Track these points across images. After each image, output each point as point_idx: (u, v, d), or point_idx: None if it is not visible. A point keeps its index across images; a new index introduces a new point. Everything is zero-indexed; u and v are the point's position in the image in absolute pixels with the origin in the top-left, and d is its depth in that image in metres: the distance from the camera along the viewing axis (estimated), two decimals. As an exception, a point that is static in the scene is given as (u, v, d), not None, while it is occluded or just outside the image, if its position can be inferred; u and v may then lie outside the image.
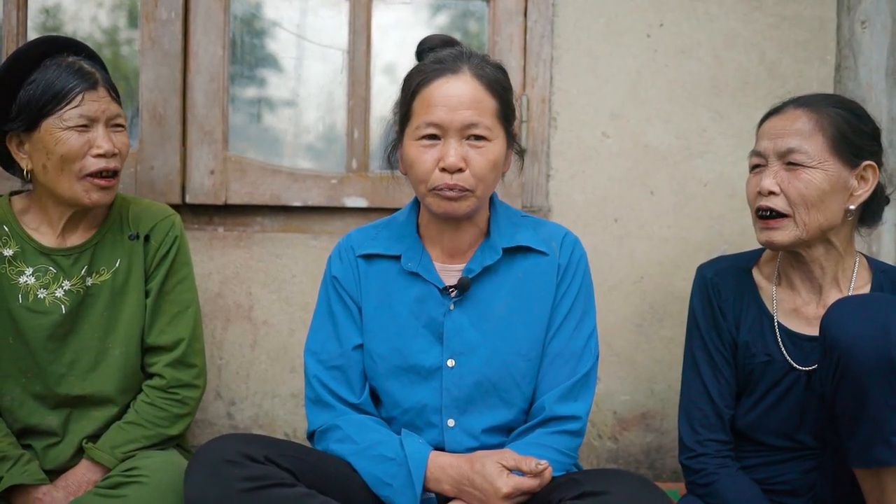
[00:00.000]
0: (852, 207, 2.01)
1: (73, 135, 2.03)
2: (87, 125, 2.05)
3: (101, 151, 2.05)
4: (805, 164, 1.97)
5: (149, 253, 2.19)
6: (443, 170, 1.85)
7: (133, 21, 2.66)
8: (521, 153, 2.05)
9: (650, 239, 2.67)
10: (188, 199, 2.57)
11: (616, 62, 2.65)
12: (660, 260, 2.67)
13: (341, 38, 2.64)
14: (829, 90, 2.67)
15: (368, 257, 2.02)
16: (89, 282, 2.14)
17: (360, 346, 2.01)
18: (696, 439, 2.10)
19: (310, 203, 2.61)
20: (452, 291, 1.96)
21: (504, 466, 1.80)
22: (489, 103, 1.88)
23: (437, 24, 2.76)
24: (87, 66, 2.08)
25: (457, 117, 1.85)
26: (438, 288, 1.96)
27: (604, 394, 2.67)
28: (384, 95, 2.65)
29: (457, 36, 2.10)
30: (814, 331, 2.00)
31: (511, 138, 1.97)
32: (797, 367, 2.05)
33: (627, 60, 2.65)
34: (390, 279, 2.00)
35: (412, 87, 1.90)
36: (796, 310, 2.09)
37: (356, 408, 1.99)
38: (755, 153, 2.06)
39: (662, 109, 2.66)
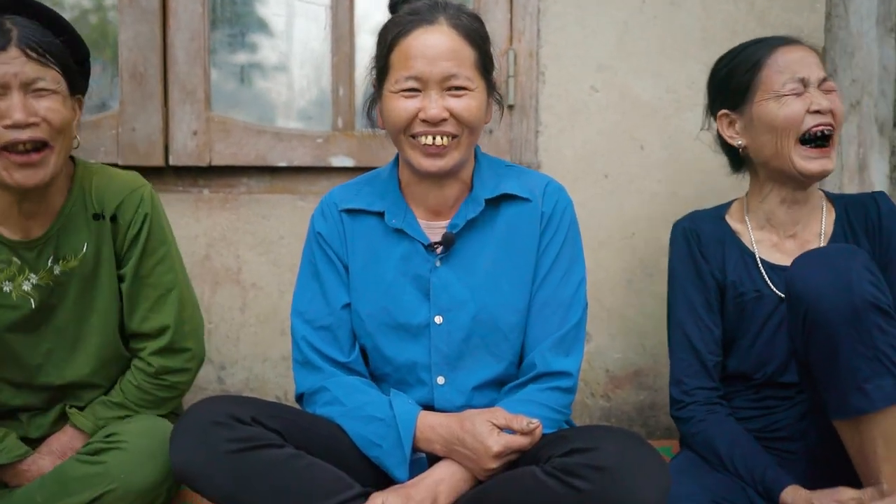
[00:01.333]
0: None
1: None
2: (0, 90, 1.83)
3: (9, 122, 1.81)
4: (834, 89, 2.09)
5: (118, 234, 2.03)
6: (423, 121, 1.84)
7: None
8: (501, 103, 2.02)
9: (640, 194, 2.65)
10: (171, 161, 2.55)
11: (603, 13, 2.61)
12: (650, 215, 2.65)
13: (324, -8, 2.61)
14: (820, 39, 2.63)
15: (352, 212, 2.00)
16: (57, 270, 2.01)
17: (348, 305, 1.99)
18: (682, 389, 2.14)
19: (296, 163, 2.58)
20: (438, 248, 1.94)
21: (494, 425, 1.79)
22: (468, 53, 1.86)
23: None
24: (10, 23, 1.85)
25: (436, 69, 1.83)
26: (423, 245, 1.95)
27: (595, 352, 2.66)
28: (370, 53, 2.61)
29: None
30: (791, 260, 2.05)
31: (491, 88, 1.94)
32: (782, 294, 2.08)
33: (615, 11, 2.62)
34: (376, 237, 1.98)
35: (388, 39, 1.88)
36: (776, 245, 2.17)
37: (346, 367, 1.98)
38: (798, 80, 2.07)
39: (651, 62, 2.63)
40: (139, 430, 1.96)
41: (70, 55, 1.95)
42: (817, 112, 2.04)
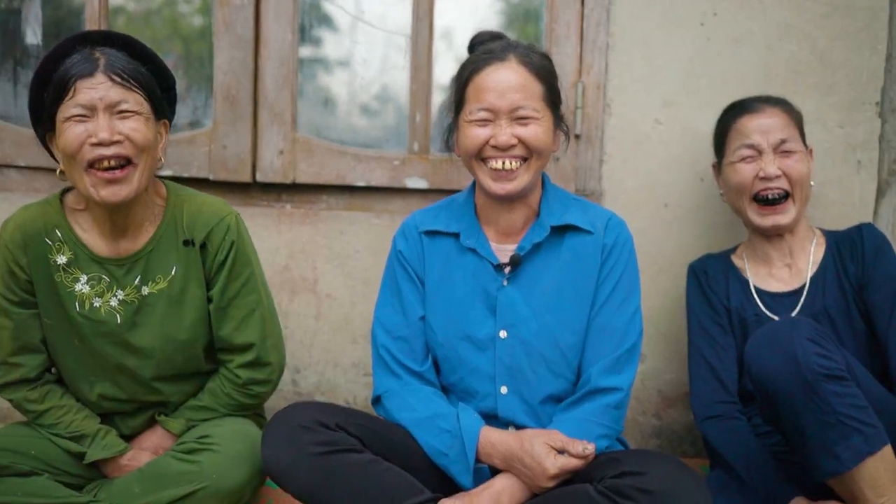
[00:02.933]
0: (812, 183, 2.39)
1: (72, 127, 1.96)
2: (85, 115, 1.97)
3: (95, 140, 1.95)
4: (795, 151, 2.33)
5: (206, 260, 2.15)
6: (493, 146, 2.00)
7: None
8: (568, 134, 2.16)
9: (698, 224, 2.75)
10: (258, 178, 2.71)
11: (669, 50, 2.72)
12: (707, 244, 2.74)
13: (405, 23, 2.74)
14: (880, 80, 2.70)
15: (430, 234, 2.16)
16: (145, 291, 2.13)
17: (423, 318, 2.15)
18: (702, 403, 2.34)
19: (373, 183, 2.73)
20: (506, 268, 2.09)
21: (552, 447, 1.93)
22: (535, 87, 2.02)
23: (498, 9, 2.85)
24: (98, 52, 1.99)
25: (506, 101, 1.99)
26: (493, 264, 2.09)
27: (649, 372, 2.77)
28: (445, 83, 2.76)
29: (516, 24, 2.21)
30: (784, 287, 2.38)
31: (559, 119, 2.09)
32: (771, 317, 2.34)
33: (681, 48, 2.72)
34: (451, 255, 2.14)
35: (465, 75, 2.05)
36: (771, 275, 2.41)
37: (419, 376, 2.13)
38: (747, 147, 2.34)
39: (714, 97, 2.70)
40: (230, 435, 2.12)
41: (156, 83, 2.09)
42: (764, 178, 2.30)
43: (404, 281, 2.17)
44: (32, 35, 2.80)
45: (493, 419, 2.08)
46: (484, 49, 2.06)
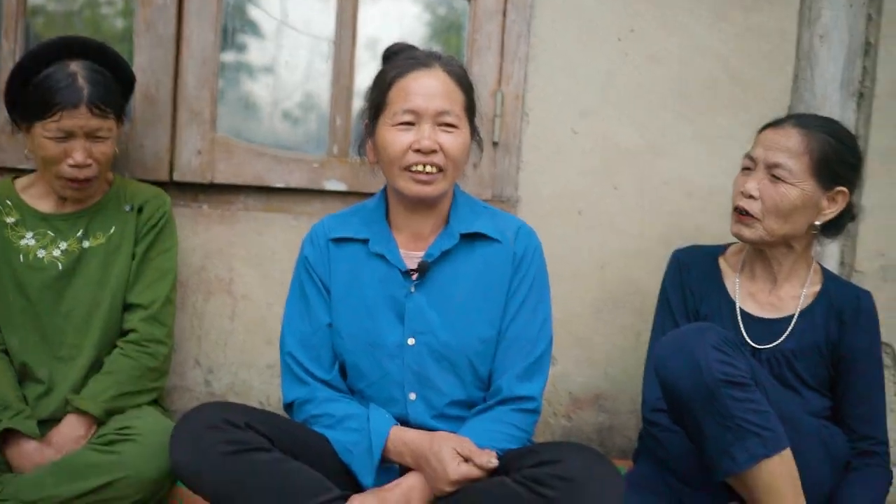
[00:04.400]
0: (817, 223, 2.26)
1: (51, 144, 2.24)
2: (64, 137, 2.24)
3: (73, 163, 2.25)
4: (786, 180, 2.21)
5: (140, 222, 2.42)
6: (416, 151, 2.01)
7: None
8: (481, 145, 2.21)
9: (612, 231, 2.82)
10: (175, 177, 2.69)
11: (588, 63, 2.79)
12: (620, 251, 2.82)
13: (328, 28, 2.75)
14: (787, 99, 2.82)
15: (338, 241, 2.17)
16: (86, 244, 2.37)
17: (330, 325, 2.16)
18: (657, 395, 2.27)
19: (292, 185, 2.73)
20: (414, 274, 2.11)
21: (458, 453, 1.96)
22: (458, 96, 2.07)
23: (424, 20, 2.88)
24: (82, 79, 2.24)
25: (431, 104, 2.02)
26: (401, 270, 2.12)
27: (561, 375, 2.83)
28: (364, 73, 2.78)
29: (440, 35, 2.24)
30: (763, 313, 2.33)
31: (474, 131, 2.14)
32: (750, 342, 2.30)
33: (599, 62, 2.79)
34: (359, 261, 2.15)
35: (388, 79, 2.07)
36: (752, 294, 2.35)
37: (326, 383, 2.14)
38: (749, 157, 2.29)
39: (630, 110, 2.80)
40: (150, 426, 2.17)
41: (122, 92, 2.36)
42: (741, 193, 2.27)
43: (310, 287, 2.17)
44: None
45: (405, 425, 2.10)
46: (406, 55, 2.09)
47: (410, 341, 2.11)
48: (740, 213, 2.27)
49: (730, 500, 2.15)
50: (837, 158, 2.22)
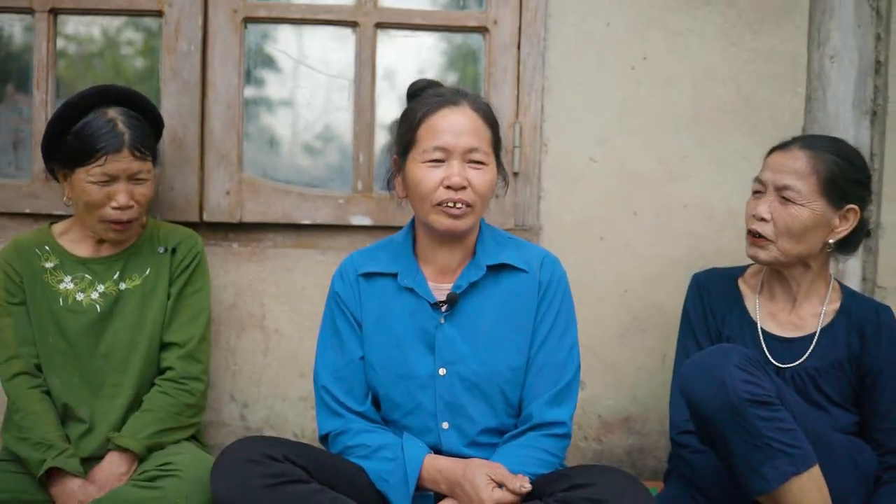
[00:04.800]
0: (831, 241, 2.31)
1: (95, 188, 2.32)
2: (108, 181, 2.33)
3: (117, 205, 2.34)
4: (795, 201, 2.26)
5: (174, 262, 2.50)
6: (447, 187, 2.07)
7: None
8: (506, 179, 2.26)
9: (633, 256, 2.86)
10: (206, 218, 2.76)
11: (603, 92, 2.84)
12: (642, 275, 2.86)
13: (347, 67, 2.83)
14: (801, 121, 2.86)
15: (368, 276, 2.22)
16: (122, 286, 2.45)
17: (362, 358, 2.21)
18: (684, 417, 2.30)
19: (318, 221, 2.79)
20: (443, 306, 2.16)
21: (492, 479, 2.00)
22: (486, 133, 2.12)
23: (440, 50, 2.95)
24: (122, 124, 2.33)
25: (461, 142, 2.07)
26: (430, 303, 2.17)
27: (590, 399, 2.86)
28: (387, 125, 2.85)
29: (457, 65, 2.29)
30: (784, 332, 2.37)
31: (500, 166, 2.19)
32: (773, 362, 2.33)
33: (614, 91, 2.84)
34: (388, 295, 2.20)
35: (417, 116, 2.12)
36: (773, 314, 2.39)
37: (361, 415, 2.19)
38: (758, 181, 2.34)
39: (646, 136, 2.85)
40: (191, 461, 2.23)
41: (154, 134, 2.46)
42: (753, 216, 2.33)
43: (342, 322, 2.22)
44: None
45: (438, 454, 2.14)
46: (434, 93, 2.15)
47: (441, 372, 2.16)
48: (754, 236, 2.31)
49: None
50: (845, 177, 2.26)
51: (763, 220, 2.29)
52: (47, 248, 2.46)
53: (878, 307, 2.38)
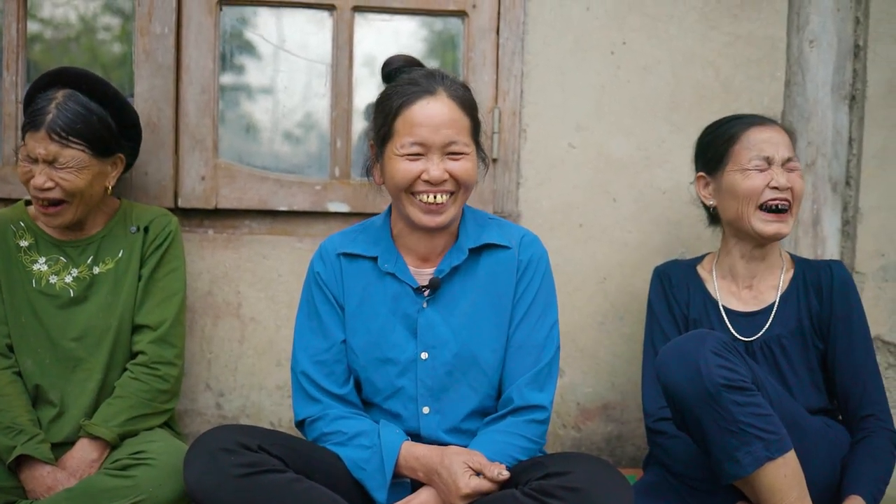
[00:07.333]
0: None
1: (24, 165, 2.31)
2: (33, 160, 2.29)
3: (34, 185, 2.30)
4: (797, 170, 2.37)
5: (146, 242, 2.46)
6: (426, 181, 2.04)
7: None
8: (486, 162, 2.24)
9: (612, 243, 2.85)
10: (180, 204, 2.73)
11: (582, 77, 2.83)
12: (621, 262, 2.85)
13: (325, 52, 2.80)
14: (780, 105, 2.86)
15: (348, 256, 2.19)
16: (96, 270, 2.42)
17: (344, 341, 2.19)
18: (658, 405, 2.34)
19: (295, 208, 2.77)
20: (425, 291, 2.15)
21: (470, 467, 1.99)
22: (464, 122, 2.09)
23: (420, 36, 2.92)
24: (54, 106, 2.28)
25: (438, 136, 2.04)
26: (412, 288, 2.15)
27: (568, 386, 2.86)
28: (364, 111, 2.82)
29: (437, 52, 2.26)
30: (747, 307, 2.43)
31: (480, 150, 2.16)
32: (738, 337, 2.38)
33: (592, 76, 2.83)
34: (369, 278, 2.18)
35: (393, 107, 2.07)
36: (733, 293, 2.46)
37: (341, 398, 2.17)
38: (763, 158, 2.34)
39: (624, 122, 2.84)
40: (164, 449, 2.20)
41: (111, 124, 2.37)
42: (775, 188, 2.32)
43: (323, 304, 2.20)
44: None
45: (416, 439, 2.13)
46: (408, 79, 2.10)
47: (424, 356, 2.14)
48: (777, 212, 2.33)
49: (736, 501, 2.18)
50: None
51: (787, 188, 2.33)
52: (22, 224, 2.43)
53: (830, 263, 2.44)
